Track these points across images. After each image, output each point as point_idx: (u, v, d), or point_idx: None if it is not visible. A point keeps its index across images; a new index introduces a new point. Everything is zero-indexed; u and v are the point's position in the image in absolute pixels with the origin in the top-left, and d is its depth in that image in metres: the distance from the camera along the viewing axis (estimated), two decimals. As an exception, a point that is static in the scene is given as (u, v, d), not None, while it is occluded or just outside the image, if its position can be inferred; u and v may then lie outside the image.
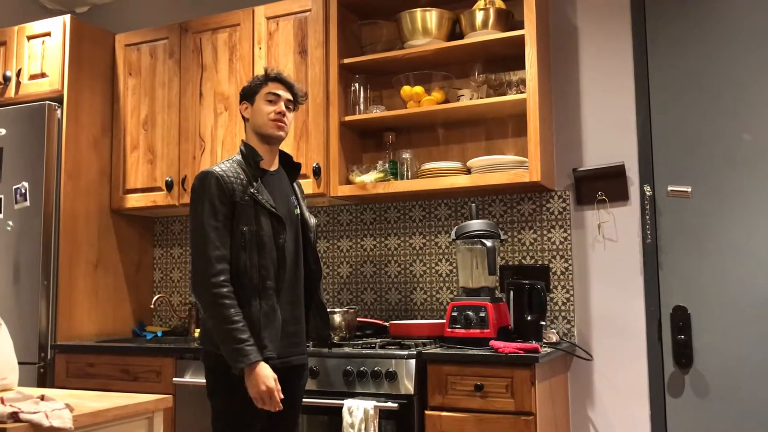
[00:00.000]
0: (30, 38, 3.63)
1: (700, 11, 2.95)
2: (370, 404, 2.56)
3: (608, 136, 3.05)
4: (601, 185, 3.01)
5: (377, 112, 3.23)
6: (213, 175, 2.28)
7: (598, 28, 3.11)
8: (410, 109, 3.17)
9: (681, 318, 2.86)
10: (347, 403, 2.60)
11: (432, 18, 3.12)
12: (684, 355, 2.85)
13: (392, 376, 2.60)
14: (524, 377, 2.47)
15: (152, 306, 3.72)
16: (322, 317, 2.50)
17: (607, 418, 2.95)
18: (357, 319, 3.10)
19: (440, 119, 3.26)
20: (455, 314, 2.77)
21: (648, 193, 2.94)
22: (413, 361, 2.61)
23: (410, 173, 3.23)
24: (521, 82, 3.03)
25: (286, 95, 2.44)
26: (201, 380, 2.57)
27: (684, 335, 2.85)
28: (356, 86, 3.28)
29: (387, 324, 3.15)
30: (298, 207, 2.47)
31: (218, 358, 2.22)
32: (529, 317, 2.80)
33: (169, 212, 3.80)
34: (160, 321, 3.93)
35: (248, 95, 2.45)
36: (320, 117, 3.21)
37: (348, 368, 2.68)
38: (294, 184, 2.53)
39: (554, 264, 3.09)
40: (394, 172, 3.19)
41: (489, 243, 2.77)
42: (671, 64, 2.98)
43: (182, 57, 3.57)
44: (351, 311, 3.05)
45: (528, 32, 2.88)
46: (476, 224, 2.85)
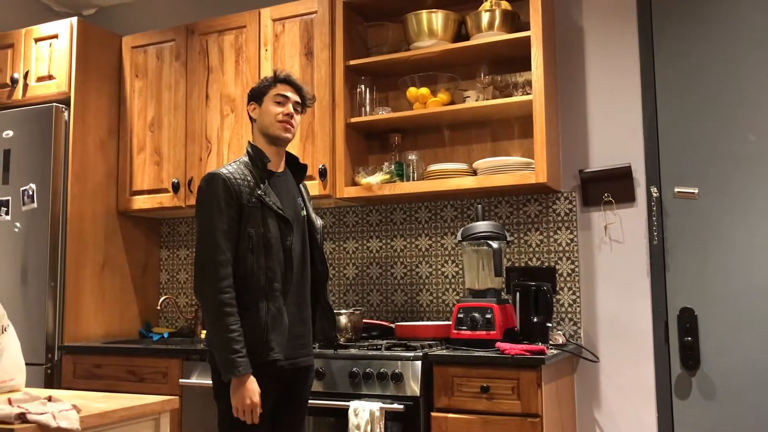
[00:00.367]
0: (37, 40, 3.65)
1: (706, 11, 2.94)
2: (376, 406, 2.56)
3: (614, 138, 3.05)
4: (608, 186, 3.00)
5: (383, 114, 3.23)
6: (220, 177, 2.28)
7: (604, 29, 3.11)
8: (416, 111, 3.17)
9: (688, 320, 2.86)
10: (353, 405, 2.60)
11: (438, 19, 3.12)
12: (691, 357, 2.84)
13: (398, 378, 2.60)
14: (530, 379, 2.47)
15: (159, 307, 3.72)
16: (329, 319, 2.51)
17: (614, 420, 2.94)
18: (363, 321, 3.10)
19: (446, 121, 3.26)
20: (461, 316, 2.77)
21: (654, 195, 2.93)
22: (419, 363, 2.61)
23: (416, 175, 3.22)
24: (527, 84, 3.03)
25: (295, 97, 2.44)
26: (207, 381, 2.57)
27: (691, 337, 2.84)
28: (362, 88, 3.28)
29: (393, 325, 3.15)
30: (305, 208, 2.48)
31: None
32: (536, 319, 2.80)
33: (176, 214, 3.81)
34: (167, 322, 3.94)
35: (256, 96, 2.44)
36: (326, 119, 3.22)
37: (354, 370, 2.68)
38: (300, 186, 2.54)
39: (560, 265, 3.09)
40: (400, 174, 3.19)
41: (495, 244, 2.77)
42: (677, 65, 2.97)
43: (188, 59, 3.58)
44: (357, 313, 3.05)
45: (534, 33, 2.88)
46: (482, 226, 2.85)
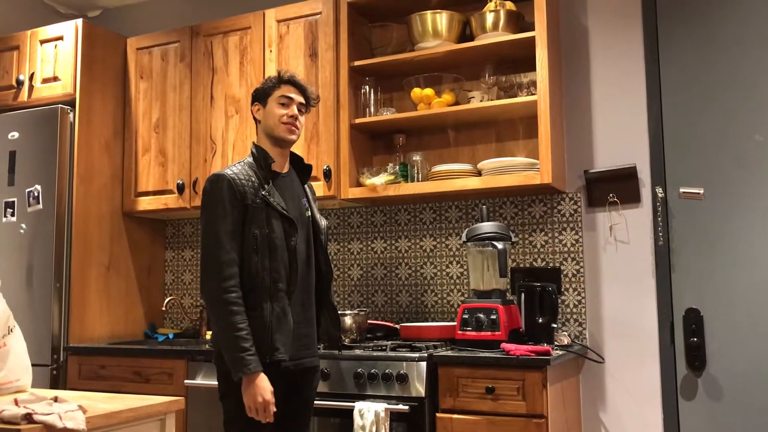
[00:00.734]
0: (43, 42, 3.66)
1: (712, 12, 2.93)
2: (381, 406, 2.56)
3: (620, 138, 3.04)
4: (613, 187, 3.00)
5: (387, 115, 3.23)
6: (225, 179, 2.28)
7: (609, 29, 3.10)
8: (420, 112, 3.17)
9: (694, 320, 2.85)
10: (358, 406, 2.60)
11: (442, 20, 3.12)
12: (697, 358, 2.83)
13: (403, 379, 2.60)
14: (536, 380, 2.46)
15: (164, 308, 3.73)
16: (333, 319, 2.50)
17: (620, 421, 2.93)
18: (368, 322, 3.10)
19: (451, 121, 3.26)
20: (466, 316, 2.77)
21: (660, 195, 2.93)
22: (424, 364, 2.60)
23: (421, 175, 3.22)
24: (532, 84, 3.02)
25: (299, 99, 2.43)
26: (213, 382, 2.58)
27: (697, 338, 2.83)
28: (366, 89, 3.28)
29: (398, 326, 3.15)
30: (310, 209, 2.47)
31: (230, 361, 2.23)
32: (541, 320, 2.79)
33: (181, 215, 3.81)
34: (172, 323, 3.95)
35: (260, 97, 2.44)
36: (331, 119, 3.22)
37: (359, 370, 2.68)
38: (305, 186, 2.53)
39: (565, 266, 3.08)
40: (405, 175, 3.19)
41: (500, 245, 2.76)
42: (682, 65, 2.96)
43: (193, 60, 3.59)
44: (362, 313, 3.04)
45: (539, 34, 2.87)
46: (487, 226, 2.85)
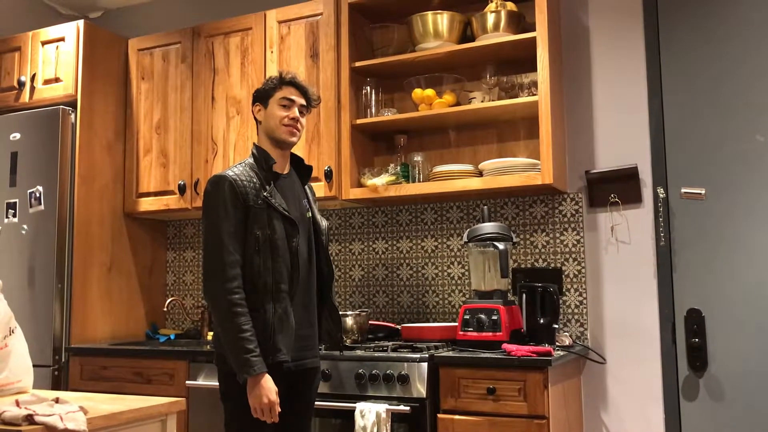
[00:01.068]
0: (44, 43, 3.66)
1: (713, 12, 2.93)
2: (383, 407, 2.56)
3: (621, 138, 3.04)
4: (614, 187, 3.00)
5: (389, 115, 3.23)
6: (226, 180, 2.28)
7: (610, 30, 3.10)
8: (422, 112, 3.16)
9: (695, 321, 2.84)
10: (359, 406, 2.60)
11: (443, 21, 3.12)
12: (698, 359, 2.83)
13: (404, 379, 2.60)
14: (537, 380, 2.46)
15: (165, 309, 3.73)
16: (335, 320, 2.50)
17: (621, 422, 2.93)
18: (369, 322, 3.10)
19: (452, 122, 3.26)
20: (467, 317, 2.77)
21: (661, 195, 2.92)
22: (425, 365, 2.60)
23: (422, 176, 3.22)
24: (533, 85, 3.02)
25: (300, 100, 2.43)
26: (214, 383, 2.58)
27: (698, 338, 2.83)
28: (367, 89, 3.28)
29: (399, 327, 3.15)
30: (310, 210, 2.47)
31: (232, 362, 2.23)
32: (542, 320, 2.79)
33: (182, 215, 3.82)
34: (173, 324, 3.95)
35: (262, 97, 2.44)
36: (332, 120, 3.22)
37: (360, 371, 2.68)
38: (306, 187, 2.53)
39: (567, 267, 3.08)
40: (406, 175, 3.19)
41: (501, 246, 2.76)
42: (684, 65, 2.96)
43: (194, 61, 3.59)
44: (363, 314, 3.04)
45: (539, 34, 2.87)
46: (488, 227, 2.85)
